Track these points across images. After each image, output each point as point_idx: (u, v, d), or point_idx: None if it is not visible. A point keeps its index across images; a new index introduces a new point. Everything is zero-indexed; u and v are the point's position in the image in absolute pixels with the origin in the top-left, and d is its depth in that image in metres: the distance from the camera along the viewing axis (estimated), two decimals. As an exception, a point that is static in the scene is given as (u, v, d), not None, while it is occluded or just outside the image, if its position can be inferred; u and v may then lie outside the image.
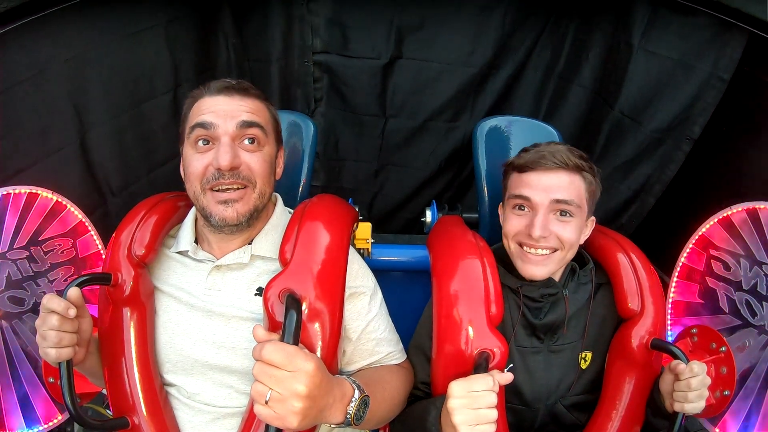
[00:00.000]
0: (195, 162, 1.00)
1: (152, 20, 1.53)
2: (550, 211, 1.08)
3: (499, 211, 1.22)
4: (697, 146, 1.51)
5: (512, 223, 1.12)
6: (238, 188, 1.00)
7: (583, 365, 1.15)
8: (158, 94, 1.61)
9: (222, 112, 1.00)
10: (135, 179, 1.60)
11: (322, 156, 2.11)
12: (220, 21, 1.80)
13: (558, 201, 1.07)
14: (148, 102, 1.58)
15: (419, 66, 1.91)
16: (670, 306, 1.27)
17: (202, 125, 0.99)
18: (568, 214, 1.09)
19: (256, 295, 1.01)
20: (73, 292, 0.91)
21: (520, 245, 1.11)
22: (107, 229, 1.31)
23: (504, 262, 1.17)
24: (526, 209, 1.10)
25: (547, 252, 1.09)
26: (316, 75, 1.96)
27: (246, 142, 1.01)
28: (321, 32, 1.88)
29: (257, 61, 1.93)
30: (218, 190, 0.99)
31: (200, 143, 1.00)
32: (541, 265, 1.09)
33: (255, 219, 1.04)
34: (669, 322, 1.25)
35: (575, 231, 1.09)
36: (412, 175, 2.14)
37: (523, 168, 1.11)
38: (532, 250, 1.09)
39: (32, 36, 1.22)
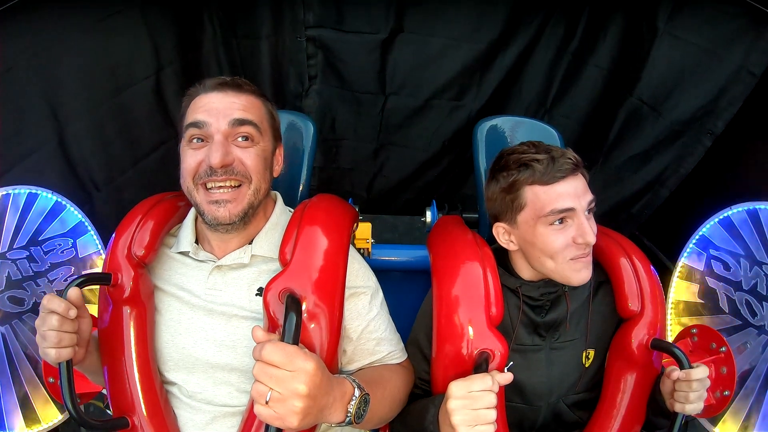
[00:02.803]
0: (188, 158, 1.06)
1: (126, 2, 1.47)
2: (586, 212, 1.11)
3: (500, 230, 1.17)
4: (717, 140, 1.51)
5: (557, 240, 1.08)
6: (232, 187, 1.05)
7: (587, 363, 1.18)
8: (138, 81, 1.57)
9: (215, 110, 1.05)
10: (120, 172, 1.59)
11: (317, 138, 2.08)
12: None
13: (590, 202, 1.11)
14: (128, 90, 1.55)
15: (421, 41, 1.81)
16: (670, 306, 1.28)
17: (195, 124, 1.06)
18: (592, 211, 1.13)
19: (256, 295, 1.05)
20: (73, 292, 0.95)
21: (572, 259, 1.10)
22: (96, 225, 1.31)
23: (502, 263, 1.17)
24: (564, 221, 1.08)
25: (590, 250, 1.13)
26: (310, 51, 1.86)
27: (239, 139, 1.07)
28: (314, 5, 1.78)
29: (246, 38, 1.83)
30: (210, 189, 1.05)
31: (194, 141, 1.07)
32: (588, 266, 1.12)
33: (251, 216, 1.10)
34: (669, 322, 1.26)
35: None
36: (413, 155, 2.09)
37: (548, 180, 1.07)
38: (582, 258, 1.11)
39: None
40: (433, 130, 2.01)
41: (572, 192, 1.07)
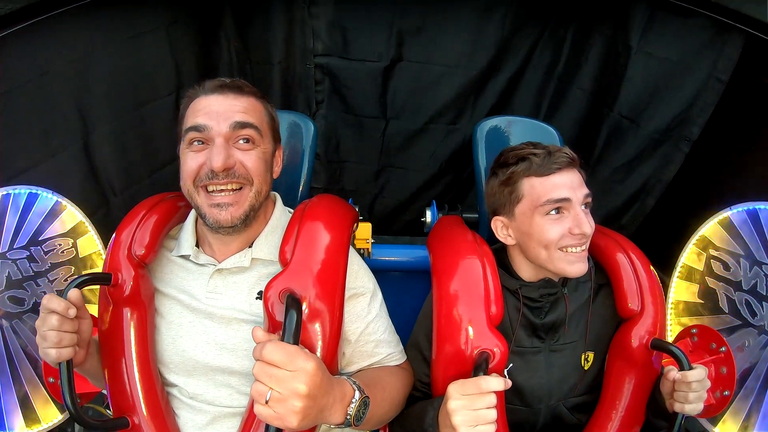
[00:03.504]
0: (189, 161, 1.00)
1: (154, 23, 1.54)
2: (582, 206, 1.08)
3: (498, 224, 1.16)
4: (696, 147, 1.52)
5: (553, 229, 1.06)
6: (233, 190, 1.00)
7: (586, 366, 1.15)
8: (160, 96, 1.62)
9: (215, 113, 0.99)
10: (137, 180, 1.62)
11: (323, 158, 2.12)
12: (221, 23, 1.82)
13: (586, 196, 1.08)
14: (150, 104, 1.60)
15: (420, 68, 1.91)
16: (669, 306, 1.27)
17: (195, 128, 1.00)
18: (589, 206, 1.11)
19: (257, 298, 1.01)
20: (73, 293, 0.91)
21: (562, 249, 1.07)
22: (109, 229, 1.32)
23: (503, 264, 1.17)
24: (560, 212, 1.07)
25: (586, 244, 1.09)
26: (318, 77, 1.97)
27: (240, 141, 1.01)
28: (322, 35, 1.89)
29: (259, 64, 1.94)
30: (212, 192, 0.99)
31: (195, 143, 1.01)
32: (583, 260, 1.08)
33: (252, 219, 1.04)
34: (669, 322, 1.26)
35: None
36: (412, 177, 2.15)
37: (544, 172, 1.08)
38: (577, 249, 1.07)
39: (35, 38, 1.23)
40: (431, 153, 2.07)
41: (568, 183, 1.07)
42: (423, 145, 2.07)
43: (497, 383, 0.89)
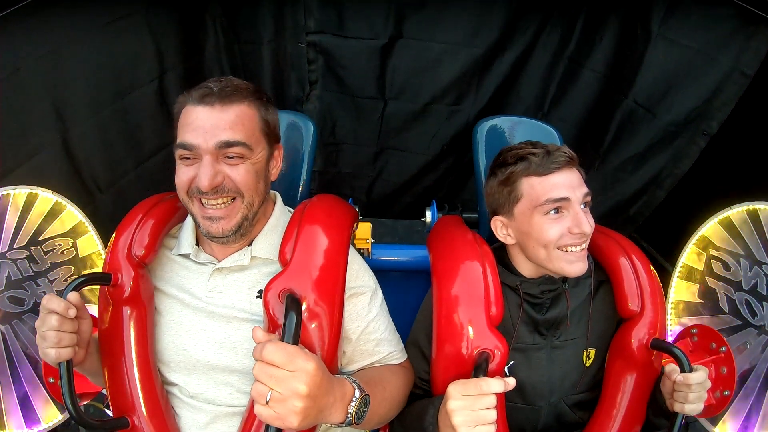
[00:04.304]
0: (181, 174, 1.04)
1: (131, 6, 1.49)
2: (581, 205, 1.12)
3: (498, 224, 1.19)
4: (712, 141, 1.51)
5: (552, 229, 1.09)
6: (224, 204, 1.03)
7: (588, 363, 1.19)
8: (142, 84, 1.58)
9: (202, 129, 1.00)
10: (122, 174, 1.60)
11: (318, 140, 2.08)
12: (206, 2, 1.74)
13: (586, 194, 1.12)
14: (132, 93, 1.55)
15: (420, 47, 1.83)
16: (670, 306, 1.28)
17: (183, 146, 1.02)
18: (588, 205, 1.14)
19: (257, 297, 1.04)
20: (73, 294, 0.94)
21: (561, 248, 1.10)
22: (98, 226, 1.32)
23: (503, 262, 1.18)
24: (559, 211, 1.10)
25: (586, 243, 1.13)
26: (311, 57, 1.88)
27: (228, 156, 1.02)
28: (315, 11, 1.79)
29: (247, 44, 1.84)
30: (205, 204, 1.04)
31: (185, 158, 1.04)
32: (583, 259, 1.12)
33: (247, 227, 1.08)
34: (669, 322, 1.26)
35: None
36: (412, 159, 2.10)
37: (543, 171, 1.10)
38: (576, 248, 1.10)
39: (3, 34, 1.22)
40: (432, 135, 2.01)
41: (567, 183, 1.10)
42: (424, 126, 2.00)
43: (498, 385, 0.93)
